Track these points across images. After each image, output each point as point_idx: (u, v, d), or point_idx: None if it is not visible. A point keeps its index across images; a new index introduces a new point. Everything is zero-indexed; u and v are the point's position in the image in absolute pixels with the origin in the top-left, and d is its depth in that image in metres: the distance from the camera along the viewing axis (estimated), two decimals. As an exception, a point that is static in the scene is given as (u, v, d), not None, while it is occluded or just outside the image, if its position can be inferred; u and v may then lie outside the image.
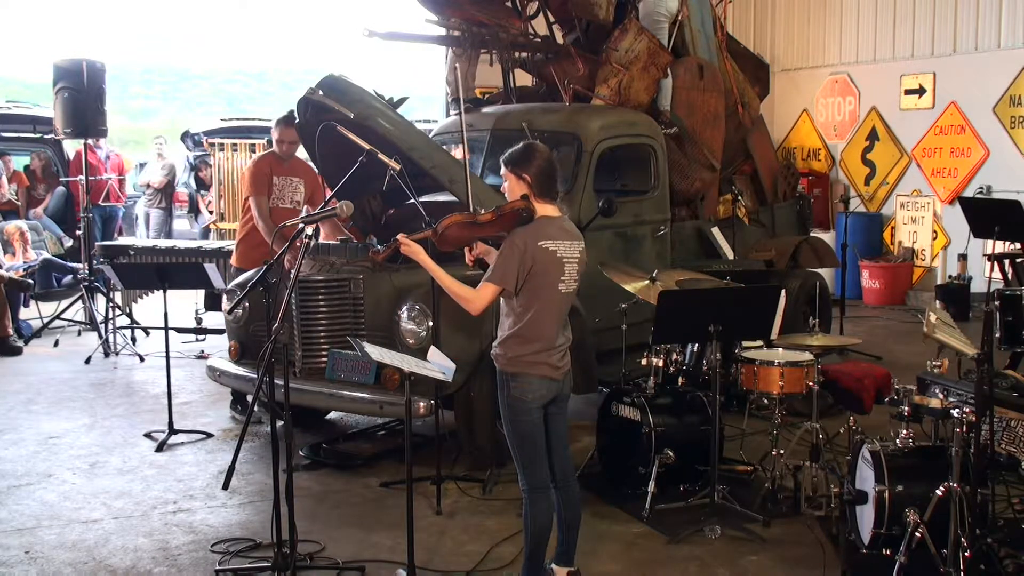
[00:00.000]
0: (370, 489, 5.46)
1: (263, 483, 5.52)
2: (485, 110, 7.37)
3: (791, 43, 13.05)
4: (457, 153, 7.19)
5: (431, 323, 5.32)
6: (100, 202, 11.64)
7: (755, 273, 7.24)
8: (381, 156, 5.17)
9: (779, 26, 13.20)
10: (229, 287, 6.45)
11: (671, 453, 5.02)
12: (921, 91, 11.34)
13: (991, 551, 3.80)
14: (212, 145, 12.01)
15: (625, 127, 6.86)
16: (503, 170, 3.94)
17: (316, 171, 7.45)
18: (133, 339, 9.29)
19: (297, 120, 6.14)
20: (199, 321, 9.47)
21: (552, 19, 8.25)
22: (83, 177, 9.91)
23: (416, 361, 4.11)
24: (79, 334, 9.78)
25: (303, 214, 6.92)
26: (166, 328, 6.45)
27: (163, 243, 10.32)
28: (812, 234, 9.21)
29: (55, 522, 5.02)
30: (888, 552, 4.06)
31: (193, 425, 6.59)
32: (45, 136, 11.56)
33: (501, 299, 3.90)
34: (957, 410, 3.93)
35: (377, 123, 5.62)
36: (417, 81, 16.14)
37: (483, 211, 3.98)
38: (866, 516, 4.21)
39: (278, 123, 6.85)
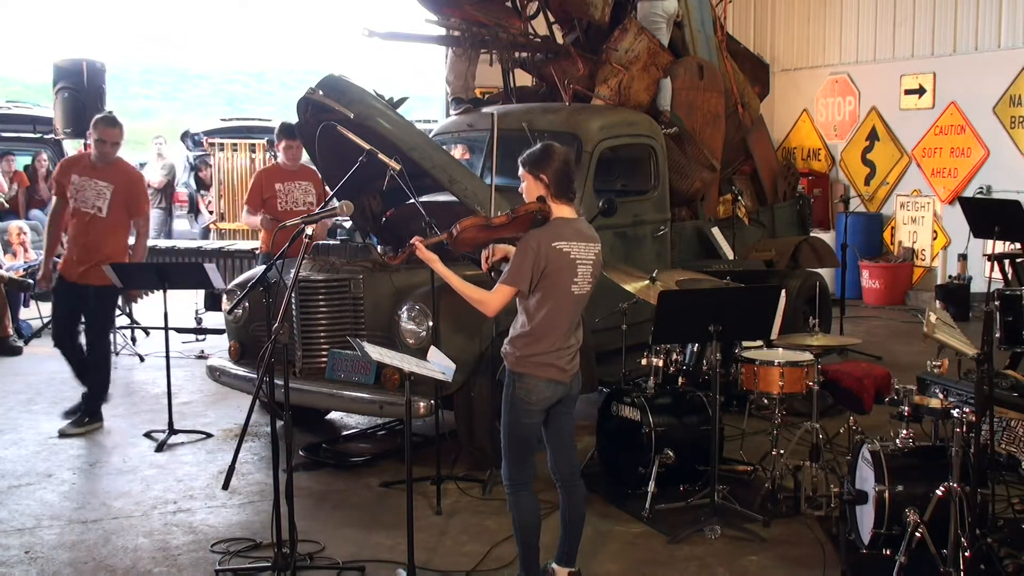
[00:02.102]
0: (370, 489, 5.46)
1: (263, 483, 5.52)
2: (485, 110, 7.37)
3: (791, 43, 13.05)
4: (457, 153, 7.21)
5: (431, 323, 5.32)
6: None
7: (755, 273, 7.24)
8: (381, 156, 5.17)
9: (779, 26, 13.20)
10: (229, 287, 6.46)
11: (671, 453, 5.02)
12: (921, 91, 11.34)
13: (991, 551, 3.80)
14: (212, 145, 12.02)
15: (625, 127, 6.86)
16: (520, 170, 3.95)
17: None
18: (133, 339, 9.29)
19: (297, 120, 6.14)
20: (199, 321, 9.48)
21: (552, 19, 8.25)
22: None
23: (416, 361, 4.11)
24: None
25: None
26: (166, 328, 6.45)
27: (163, 243, 10.31)
28: (812, 234, 9.21)
29: (55, 522, 5.02)
30: (888, 552, 4.07)
31: (193, 425, 6.59)
32: (45, 136, 11.56)
33: (515, 298, 3.92)
34: (957, 410, 3.93)
35: (377, 123, 5.62)
36: (417, 81, 16.15)
37: (498, 213, 3.99)
38: (866, 516, 4.21)
39: (278, 135, 7.23)
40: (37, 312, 9.88)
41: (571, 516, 4.07)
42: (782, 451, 5.15)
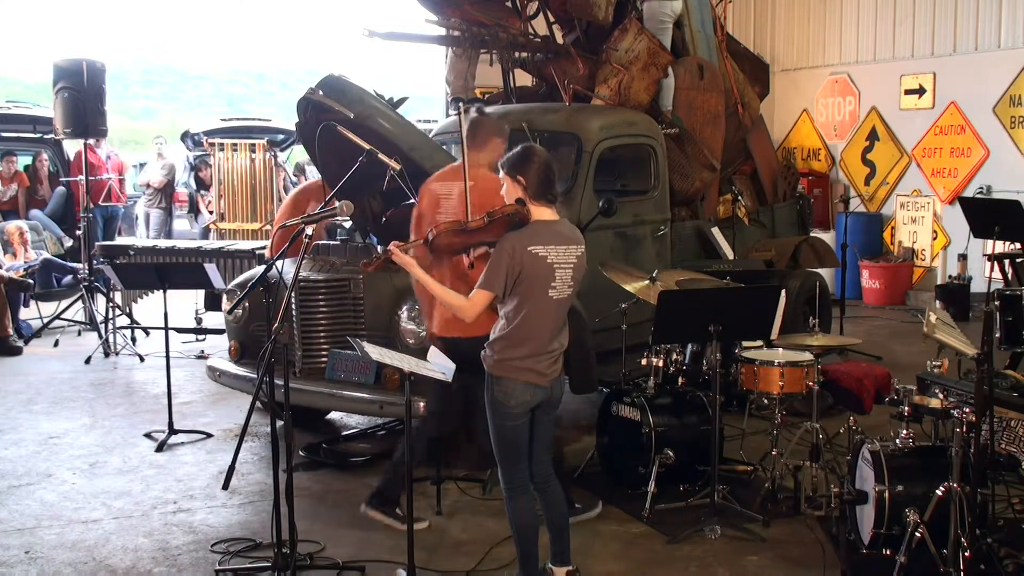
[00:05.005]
0: (370, 489, 5.44)
1: (263, 483, 5.52)
2: (487, 110, 7.36)
3: (791, 43, 13.05)
4: (458, 153, 7.20)
5: (431, 323, 5.32)
6: (101, 202, 11.64)
7: (755, 273, 7.24)
8: (381, 156, 5.17)
9: (779, 26, 13.19)
10: (229, 287, 6.46)
11: (671, 453, 5.02)
12: (921, 91, 11.34)
13: (991, 551, 3.80)
14: (212, 145, 12.02)
15: (625, 127, 6.86)
16: (500, 174, 3.94)
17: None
18: (133, 339, 9.29)
19: (297, 120, 6.14)
20: (199, 321, 9.48)
21: (552, 19, 8.25)
22: (83, 177, 9.91)
23: (416, 361, 4.11)
24: (79, 334, 9.78)
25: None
26: (166, 328, 6.45)
27: (163, 243, 10.32)
28: (812, 234, 9.21)
29: (55, 522, 5.02)
30: (888, 552, 4.07)
31: (193, 425, 6.59)
32: (45, 136, 11.56)
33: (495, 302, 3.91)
34: (957, 410, 3.93)
35: (377, 123, 5.62)
36: (417, 81, 16.16)
37: (475, 217, 3.99)
38: (866, 516, 4.21)
39: None
40: (37, 312, 9.89)
41: (552, 516, 4.08)
42: (782, 451, 5.15)
